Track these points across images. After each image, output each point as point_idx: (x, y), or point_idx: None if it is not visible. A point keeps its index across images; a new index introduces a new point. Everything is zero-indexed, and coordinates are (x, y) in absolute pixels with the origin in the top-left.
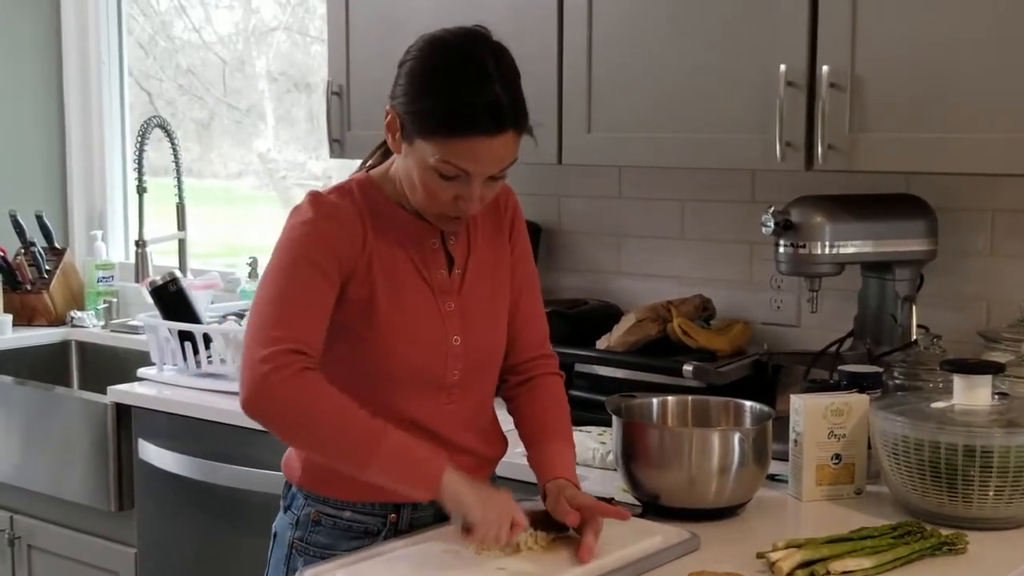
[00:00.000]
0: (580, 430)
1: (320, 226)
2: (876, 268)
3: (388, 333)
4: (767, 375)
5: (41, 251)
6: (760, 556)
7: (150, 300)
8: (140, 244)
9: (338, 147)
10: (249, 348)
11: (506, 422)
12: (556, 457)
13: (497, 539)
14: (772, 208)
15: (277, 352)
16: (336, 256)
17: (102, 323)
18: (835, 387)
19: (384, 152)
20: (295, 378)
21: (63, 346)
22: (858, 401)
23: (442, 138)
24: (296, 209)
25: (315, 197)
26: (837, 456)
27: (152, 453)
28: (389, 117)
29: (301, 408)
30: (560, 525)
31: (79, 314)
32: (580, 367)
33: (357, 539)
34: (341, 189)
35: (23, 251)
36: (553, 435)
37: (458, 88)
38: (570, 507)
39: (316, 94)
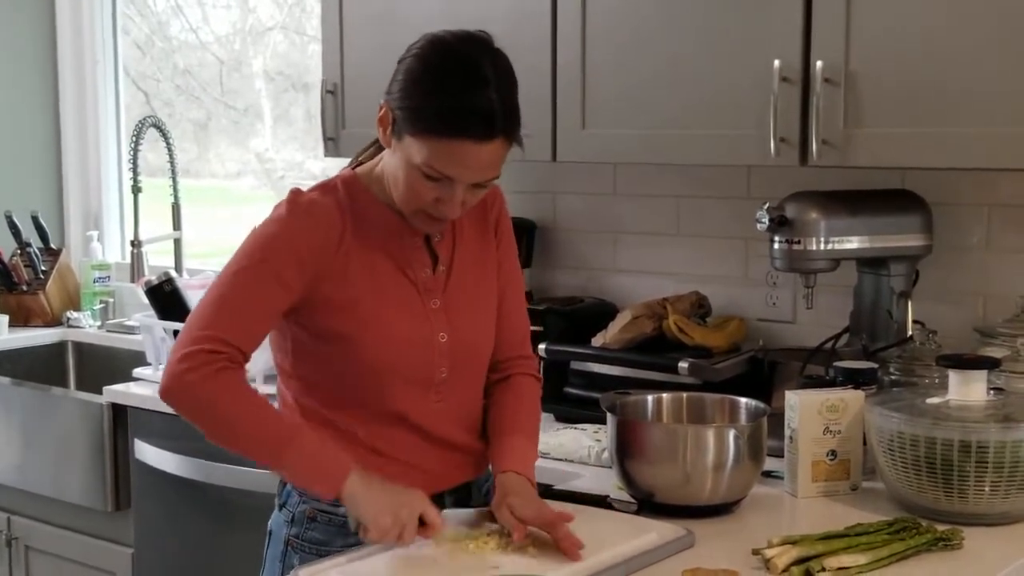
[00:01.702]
0: (575, 428)
1: (292, 226)
2: (871, 264)
3: (373, 332)
4: (763, 372)
5: (37, 252)
6: (755, 553)
7: (146, 300)
8: (135, 244)
9: (332, 145)
10: (176, 343)
11: None
12: (511, 450)
13: (398, 540)
14: (767, 204)
15: (197, 351)
16: (299, 258)
17: (98, 323)
18: (831, 383)
19: (376, 148)
20: (210, 378)
21: (59, 347)
22: (853, 397)
23: (431, 138)
24: (276, 206)
25: (294, 196)
26: (833, 452)
27: (148, 453)
28: (383, 111)
29: (209, 407)
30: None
31: (75, 314)
32: (576, 364)
33: (352, 535)
34: (325, 186)
35: (19, 252)
36: (513, 430)
37: (453, 90)
38: (515, 518)
39: (314, 93)
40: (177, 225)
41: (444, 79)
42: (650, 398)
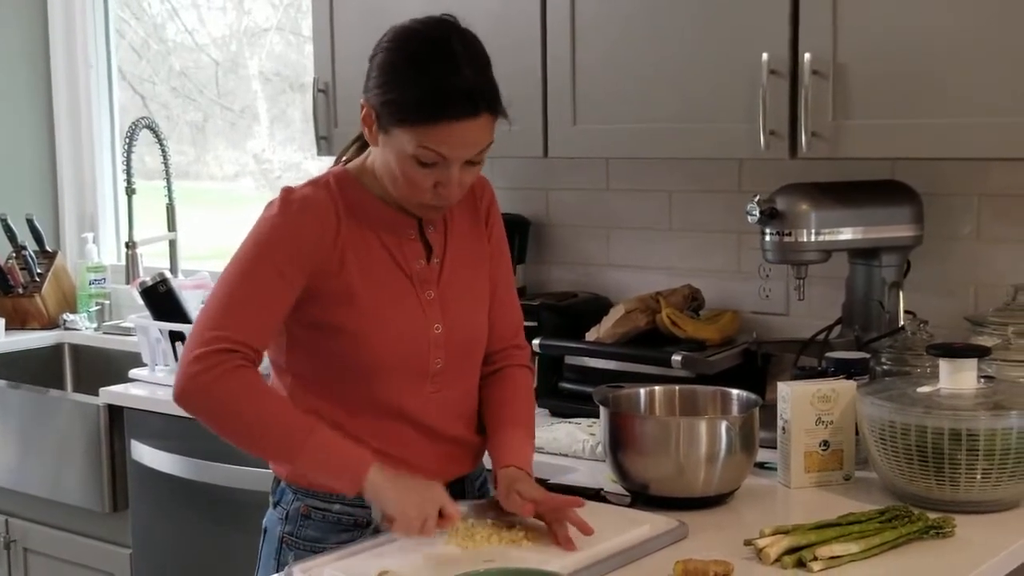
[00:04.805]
0: (569, 422)
1: (288, 223)
2: (863, 255)
3: (369, 324)
4: (756, 364)
5: (32, 254)
6: (748, 543)
7: (141, 301)
8: (130, 246)
9: (325, 144)
10: (187, 345)
11: None
12: (511, 445)
13: (421, 531)
14: (757, 197)
15: (211, 352)
16: (299, 254)
17: (94, 325)
18: (823, 374)
19: (360, 146)
20: (224, 377)
21: (56, 349)
22: (845, 387)
23: (418, 125)
24: (268, 205)
25: (286, 193)
26: (825, 443)
27: (145, 453)
28: (364, 111)
29: (226, 406)
30: (506, 514)
31: (71, 317)
32: (570, 359)
33: (347, 532)
34: (317, 182)
35: (14, 255)
36: (511, 423)
37: (430, 75)
38: (524, 500)
39: (310, 94)
40: (172, 226)
41: (419, 66)
42: (642, 391)
